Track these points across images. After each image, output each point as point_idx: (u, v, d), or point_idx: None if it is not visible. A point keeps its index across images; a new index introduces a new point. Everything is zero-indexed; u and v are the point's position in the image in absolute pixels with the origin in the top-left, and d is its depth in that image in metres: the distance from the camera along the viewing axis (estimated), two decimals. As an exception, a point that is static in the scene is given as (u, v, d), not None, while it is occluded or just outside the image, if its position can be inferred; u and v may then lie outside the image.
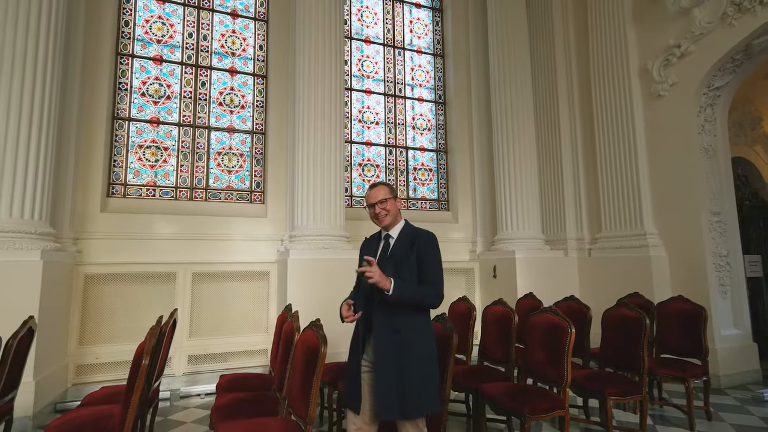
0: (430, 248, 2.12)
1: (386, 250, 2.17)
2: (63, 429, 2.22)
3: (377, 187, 2.19)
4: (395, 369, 1.95)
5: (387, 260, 2.11)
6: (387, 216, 2.16)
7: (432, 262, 2.09)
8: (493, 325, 3.64)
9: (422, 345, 2.03)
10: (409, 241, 2.13)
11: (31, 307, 3.42)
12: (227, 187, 5.51)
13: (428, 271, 2.07)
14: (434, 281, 2.07)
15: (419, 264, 2.08)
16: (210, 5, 5.71)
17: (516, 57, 6.14)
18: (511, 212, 5.86)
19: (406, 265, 2.07)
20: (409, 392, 1.93)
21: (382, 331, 2.00)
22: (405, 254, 2.09)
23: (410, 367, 1.96)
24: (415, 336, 2.02)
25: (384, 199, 2.14)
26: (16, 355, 2.60)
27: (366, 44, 6.63)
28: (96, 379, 4.30)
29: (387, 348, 1.97)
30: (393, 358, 1.96)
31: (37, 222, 3.77)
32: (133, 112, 5.17)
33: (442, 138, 6.95)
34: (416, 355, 1.99)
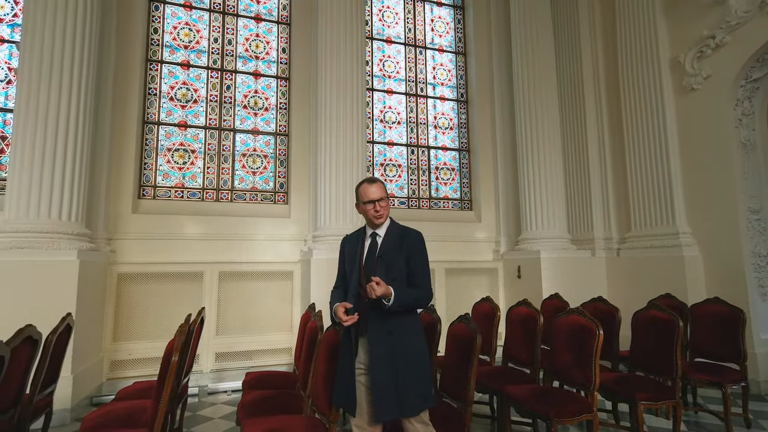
0: (419, 248, 2.11)
1: (374, 249, 2.12)
2: (99, 422, 2.31)
3: (376, 184, 2.13)
4: (391, 370, 1.95)
5: (376, 260, 2.08)
6: (384, 215, 2.14)
7: (421, 263, 2.09)
8: (517, 326, 3.58)
9: (416, 345, 2.05)
10: (398, 240, 2.11)
11: (68, 304, 3.57)
12: (252, 188, 5.62)
13: (418, 272, 2.07)
14: (424, 282, 2.07)
15: (408, 264, 2.07)
16: (234, 10, 5.83)
17: (540, 52, 6.02)
18: (536, 211, 5.75)
19: (395, 264, 2.05)
20: (406, 392, 1.94)
21: (376, 334, 1.99)
22: (395, 254, 2.07)
23: (406, 368, 1.97)
24: (409, 336, 2.03)
25: (383, 197, 2.12)
26: (56, 350, 2.73)
27: (387, 44, 6.63)
28: (129, 375, 4.46)
29: (382, 350, 1.97)
30: (389, 359, 1.96)
31: (73, 223, 3.94)
32: (162, 116, 5.34)
33: (464, 137, 6.89)
34: (411, 356, 2.00)
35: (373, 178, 2.20)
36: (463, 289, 6.00)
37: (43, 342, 2.57)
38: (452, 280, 5.98)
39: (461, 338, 2.56)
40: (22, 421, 2.45)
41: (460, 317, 2.71)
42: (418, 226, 6.51)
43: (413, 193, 6.46)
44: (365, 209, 2.13)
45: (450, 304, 5.81)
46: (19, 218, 3.73)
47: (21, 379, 2.37)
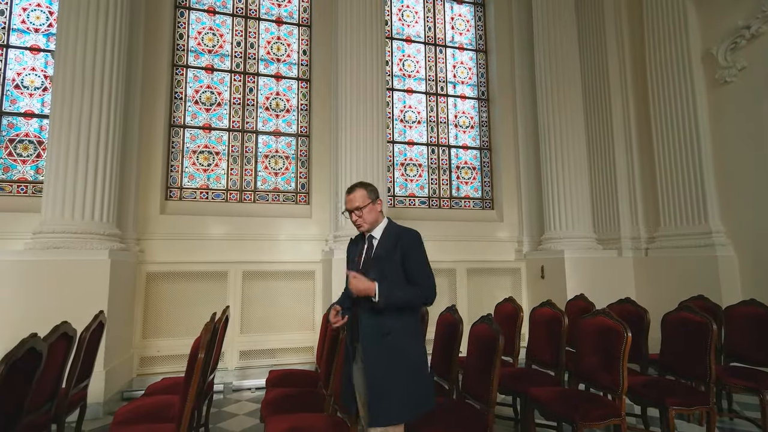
0: (414, 247, 2.06)
1: (370, 251, 2.11)
2: (130, 416, 2.39)
3: (353, 193, 2.10)
4: (386, 373, 1.90)
5: (371, 261, 2.06)
6: (364, 224, 2.10)
7: (418, 261, 2.04)
8: (541, 327, 3.51)
9: (415, 345, 2.01)
10: (392, 240, 2.07)
11: (100, 302, 3.71)
12: (274, 188, 5.71)
13: (414, 271, 2.03)
14: (422, 280, 2.02)
15: (405, 264, 2.03)
16: (256, 14, 5.93)
17: (563, 47, 5.90)
18: (560, 210, 5.63)
19: (390, 265, 2.01)
20: (406, 393, 1.90)
21: (370, 335, 1.96)
22: (389, 254, 2.03)
23: (406, 369, 1.93)
24: (406, 338, 1.98)
25: (360, 206, 2.07)
26: (89, 346, 2.84)
27: (407, 43, 6.62)
28: (157, 371, 4.60)
29: (376, 352, 1.93)
30: (384, 362, 1.92)
31: (105, 224, 4.09)
32: (188, 120, 5.48)
33: (485, 135, 6.81)
34: (410, 357, 1.96)
35: (352, 186, 2.15)
36: (485, 289, 5.93)
37: (77, 338, 2.68)
38: (474, 280, 5.93)
39: (483, 339, 2.53)
40: (59, 413, 2.56)
41: (482, 318, 2.68)
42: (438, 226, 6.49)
43: (434, 193, 6.43)
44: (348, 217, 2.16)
45: (471, 304, 5.76)
46: (55, 219, 3.89)
47: (57, 374, 2.47)
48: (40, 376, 2.05)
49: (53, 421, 2.51)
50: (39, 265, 3.70)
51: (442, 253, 5.96)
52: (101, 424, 3.47)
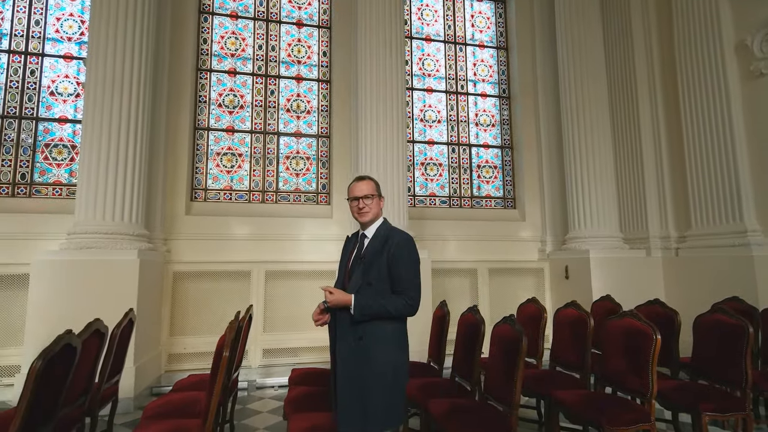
0: (403, 252, 1.96)
1: (360, 250, 2.05)
2: (159, 411, 2.47)
3: (364, 181, 2.08)
4: (356, 378, 1.84)
5: (360, 261, 2.00)
6: (369, 213, 2.04)
7: (405, 267, 1.95)
8: (566, 328, 3.44)
9: (387, 354, 1.89)
10: (381, 241, 2.00)
11: (130, 300, 3.83)
12: (295, 189, 5.78)
13: (401, 278, 1.94)
14: (407, 288, 1.93)
15: (391, 268, 1.94)
16: (277, 17, 6.02)
17: (588, 42, 5.76)
18: (584, 209, 5.50)
19: (374, 266, 1.94)
20: (372, 404, 1.81)
21: (345, 338, 1.91)
22: (374, 256, 1.96)
23: (371, 378, 1.84)
24: (380, 344, 1.88)
25: (370, 194, 2.04)
26: (120, 343, 2.94)
27: (426, 42, 6.59)
28: (184, 367, 4.72)
29: (348, 355, 1.88)
30: (354, 366, 1.86)
31: (134, 224, 4.22)
32: (212, 122, 5.61)
33: (507, 134, 6.72)
34: (378, 365, 1.86)
35: (362, 176, 2.15)
36: (507, 289, 5.85)
37: (109, 335, 2.77)
38: (495, 280, 5.85)
39: (506, 340, 2.50)
40: (93, 407, 2.66)
41: (504, 318, 2.64)
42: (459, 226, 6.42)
43: (454, 192, 6.38)
44: (350, 207, 2.10)
45: (494, 304, 5.69)
46: (88, 220, 4.04)
47: (91, 369, 2.57)
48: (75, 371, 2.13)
49: (87, 415, 2.60)
50: (73, 265, 3.84)
51: (463, 252, 5.92)
52: (132, 418, 3.59)
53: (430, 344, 3.73)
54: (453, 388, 2.98)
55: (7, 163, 4.90)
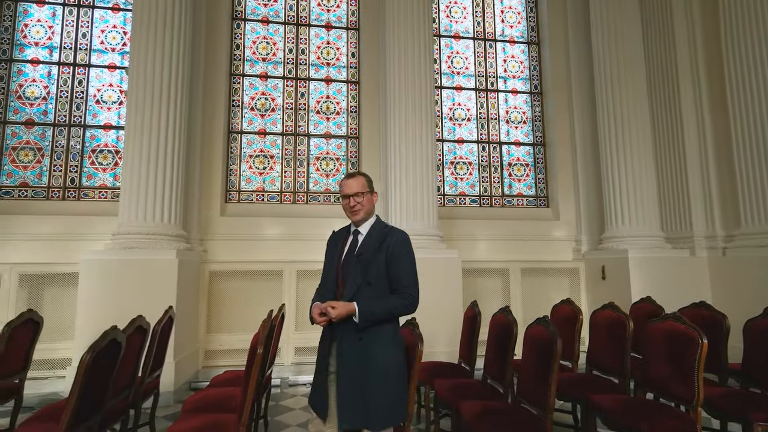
0: (402, 250, 1.96)
1: (354, 248, 2.01)
2: (197, 405, 2.56)
3: (354, 178, 2.04)
4: (358, 377, 1.83)
5: (354, 259, 1.96)
6: (360, 211, 2.01)
7: (405, 266, 1.95)
8: (603, 331, 3.32)
9: (387, 354, 1.89)
10: (378, 239, 1.97)
11: (169, 298, 4.00)
12: (325, 189, 5.85)
13: (400, 276, 1.93)
14: (407, 287, 1.93)
15: (390, 267, 1.93)
16: (307, 21, 6.12)
17: (624, 32, 5.53)
18: (622, 207, 5.29)
19: (374, 265, 1.92)
20: (373, 402, 1.81)
21: (345, 338, 1.88)
22: (373, 253, 1.93)
23: (373, 377, 1.83)
24: (380, 344, 1.88)
25: (360, 192, 2.01)
26: (161, 339, 3.07)
27: (455, 40, 6.52)
28: (220, 364, 4.88)
29: (350, 356, 1.86)
30: (356, 366, 1.85)
31: (172, 225, 4.40)
32: (244, 126, 5.77)
33: (539, 130, 6.55)
34: (380, 365, 1.85)
35: (353, 172, 2.11)
36: (541, 290, 5.71)
37: (150, 331, 2.90)
38: (528, 280, 5.72)
39: (540, 342, 2.44)
40: (136, 400, 2.79)
41: (538, 319, 2.58)
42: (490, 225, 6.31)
43: (485, 191, 6.28)
44: (342, 204, 2.07)
45: (526, 305, 5.56)
46: (130, 222, 4.25)
47: (134, 364, 2.70)
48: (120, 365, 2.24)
49: (131, 407, 2.73)
50: (117, 264, 4.05)
51: (494, 252, 5.82)
52: (172, 411, 3.74)
53: (461, 345, 3.69)
54: (485, 390, 2.93)
55: (58, 168, 5.22)
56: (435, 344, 4.19)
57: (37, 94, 5.31)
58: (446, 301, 4.57)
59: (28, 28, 5.39)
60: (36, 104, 5.29)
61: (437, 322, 4.27)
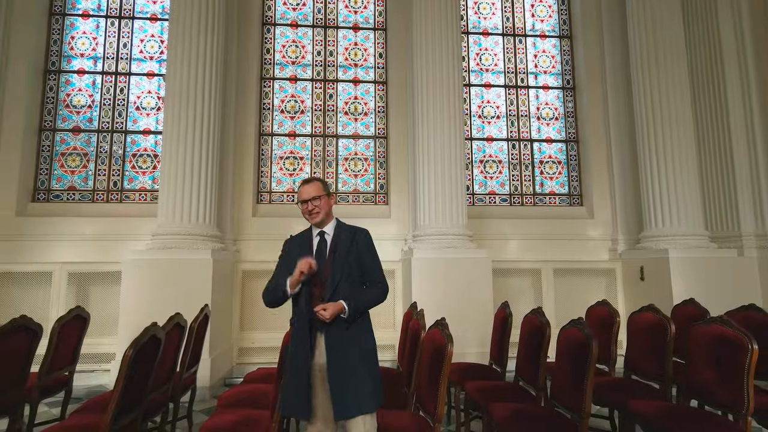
0: (370, 244, 2.14)
1: (324, 247, 2.11)
2: (232, 401, 2.64)
3: (310, 184, 2.16)
4: (347, 366, 1.93)
5: (330, 256, 2.06)
6: (319, 213, 2.11)
7: (375, 259, 2.14)
8: (642, 334, 3.18)
9: (369, 339, 2.07)
10: (348, 237, 2.11)
11: (205, 296, 4.13)
12: (354, 190, 5.90)
13: (373, 268, 2.11)
14: (380, 277, 2.12)
15: (361, 261, 2.08)
16: (335, 23, 6.18)
17: (663, 20, 5.27)
18: (662, 205, 5.05)
19: (348, 261, 2.05)
20: (362, 387, 1.92)
21: (332, 331, 1.95)
22: (347, 250, 2.07)
23: (360, 362, 1.95)
24: (363, 331, 2.04)
25: (317, 196, 2.11)
26: (197, 336, 3.18)
27: (484, 37, 6.42)
28: (253, 360, 5.00)
29: (341, 346, 1.95)
30: (345, 354, 1.94)
31: (207, 226, 4.55)
32: (275, 128, 5.90)
33: (571, 127, 6.36)
34: (363, 351, 2.00)
35: (309, 178, 2.22)
36: (574, 291, 5.54)
37: (187, 328, 3.01)
38: (561, 281, 5.56)
39: (574, 344, 2.36)
40: (175, 394, 2.90)
41: (572, 321, 2.51)
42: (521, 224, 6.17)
43: (515, 190, 6.15)
44: (301, 210, 2.16)
45: (559, 307, 5.41)
46: (168, 223, 4.42)
47: (173, 359, 2.81)
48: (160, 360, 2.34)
49: (170, 401, 2.85)
50: (156, 263, 4.22)
51: (525, 252, 5.70)
52: (208, 405, 3.87)
53: (492, 346, 3.63)
54: (517, 393, 2.87)
55: (102, 173, 5.51)
56: (465, 345, 4.13)
57: (83, 102, 5.62)
58: (476, 302, 4.51)
59: (75, 40, 5.71)
60: (82, 112, 5.60)
61: (467, 322, 4.22)
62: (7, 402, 2.58)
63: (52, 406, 3.72)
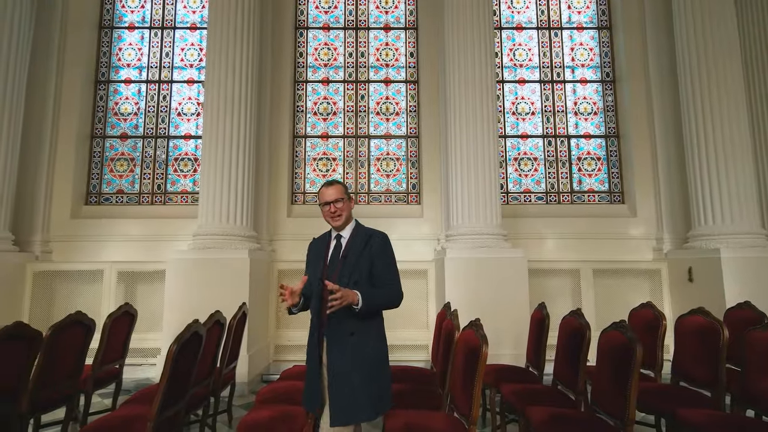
0: (385, 248, 2.09)
1: (338, 251, 2.10)
2: (269, 396, 2.71)
3: (332, 186, 2.12)
4: (351, 373, 1.89)
5: (341, 261, 2.05)
6: (341, 216, 2.09)
7: (388, 263, 2.08)
8: (691, 338, 3.01)
9: (375, 347, 2.00)
10: (362, 241, 2.08)
11: (243, 295, 4.25)
12: (386, 190, 5.91)
13: (386, 272, 2.05)
14: (393, 282, 2.06)
15: (374, 265, 2.04)
16: (366, 24, 6.22)
17: (713, 9, 4.95)
18: (713, 202, 4.76)
19: (359, 266, 2.01)
20: (362, 395, 1.88)
21: (336, 335, 1.95)
22: (359, 254, 2.04)
23: (363, 370, 1.91)
24: (369, 338, 1.98)
25: (339, 198, 2.08)
26: (236, 333, 3.29)
27: (518, 31, 6.28)
28: (289, 358, 5.11)
29: (342, 351, 1.92)
30: (349, 361, 1.90)
31: (245, 227, 4.69)
32: (308, 130, 6.00)
33: (611, 121, 6.10)
34: (369, 358, 1.94)
35: (331, 180, 2.19)
36: (616, 292, 5.31)
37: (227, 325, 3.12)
38: (601, 282, 5.34)
39: (616, 348, 2.27)
40: (216, 388, 3.01)
41: (614, 324, 2.40)
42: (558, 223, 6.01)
43: (552, 188, 5.97)
44: (322, 211, 2.13)
45: (599, 309, 5.20)
46: (208, 224, 4.59)
47: (213, 355, 2.91)
48: (201, 355, 2.43)
49: (211, 395, 2.96)
50: (197, 263, 4.40)
51: (563, 251, 5.53)
52: (246, 401, 3.99)
53: (528, 348, 3.55)
54: (555, 397, 2.79)
55: (147, 176, 5.80)
56: (499, 346, 4.06)
57: (130, 110, 5.94)
58: (511, 302, 4.41)
59: (122, 51, 6.05)
60: (129, 119, 5.92)
61: (502, 323, 4.13)
62: (66, 392, 2.77)
63: (104, 397, 3.96)
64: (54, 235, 5.47)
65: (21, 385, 2.35)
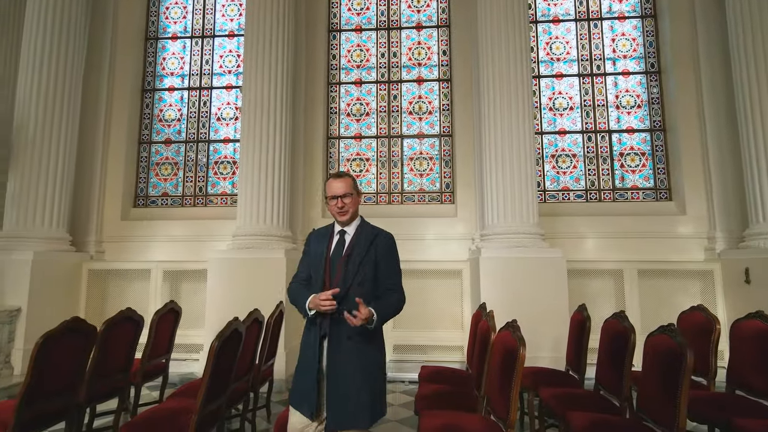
0: (391, 250, 2.05)
1: (341, 247, 2.02)
2: (305, 393, 2.76)
3: (341, 179, 2.04)
4: (347, 377, 1.86)
5: (343, 258, 1.98)
6: (348, 212, 2.03)
7: (394, 265, 2.05)
8: (749, 344, 2.81)
9: (374, 352, 1.95)
10: (367, 239, 2.02)
11: (279, 293, 4.35)
12: (419, 189, 5.89)
13: (391, 275, 2.02)
14: (397, 286, 2.03)
15: (379, 266, 1.99)
16: (398, 24, 6.22)
17: (770, -8, 4.62)
18: (772, 198, 4.42)
19: (363, 265, 1.96)
20: (360, 400, 1.83)
21: (333, 338, 1.90)
22: (362, 256, 1.97)
23: (360, 375, 1.86)
24: (368, 343, 1.92)
25: (349, 193, 2.01)
26: (273, 331, 3.38)
27: (554, 24, 6.08)
28: (324, 356, 5.18)
29: (340, 355, 1.88)
30: (346, 365, 1.87)
31: (281, 227, 4.81)
32: (341, 131, 6.08)
33: (657, 114, 5.79)
34: (368, 363, 1.90)
35: (340, 173, 2.10)
36: (662, 294, 5.04)
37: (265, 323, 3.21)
38: (646, 283, 5.08)
39: (664, 353, 2.15)
40: (255, 384, 3.11)
41: (662, 328, 2.28)
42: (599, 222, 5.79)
43: (592, 185, 5.75)
44: (329, 205, 2.06)
45: (644, 311, 4.95)
46: (246, 224, 4.74)
47: (252, 352, 3.01)
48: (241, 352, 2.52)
49: (251, 390, 3.05)
50: (236, 262, 4.55)
51: (604, 251, 5.30)
52: (283, 397, 4.08)
53: (568, 351, 3.43)
54: (598, 402, 2.69)
55: (189, 179, 6.07)
56: (537, 349, 3.95)
57: (173, 116, 6.23)
58: (549, 304, 4.28)
59: (166, 61, 6.36)
60: (172, 125, 6.22)
61: (540, 325, 4.02)
62: (118, 384, 2.94)
63: (151, 390, 4.17)
64: (106, 235, 5.83)
65: (78, 378, 2.52)
